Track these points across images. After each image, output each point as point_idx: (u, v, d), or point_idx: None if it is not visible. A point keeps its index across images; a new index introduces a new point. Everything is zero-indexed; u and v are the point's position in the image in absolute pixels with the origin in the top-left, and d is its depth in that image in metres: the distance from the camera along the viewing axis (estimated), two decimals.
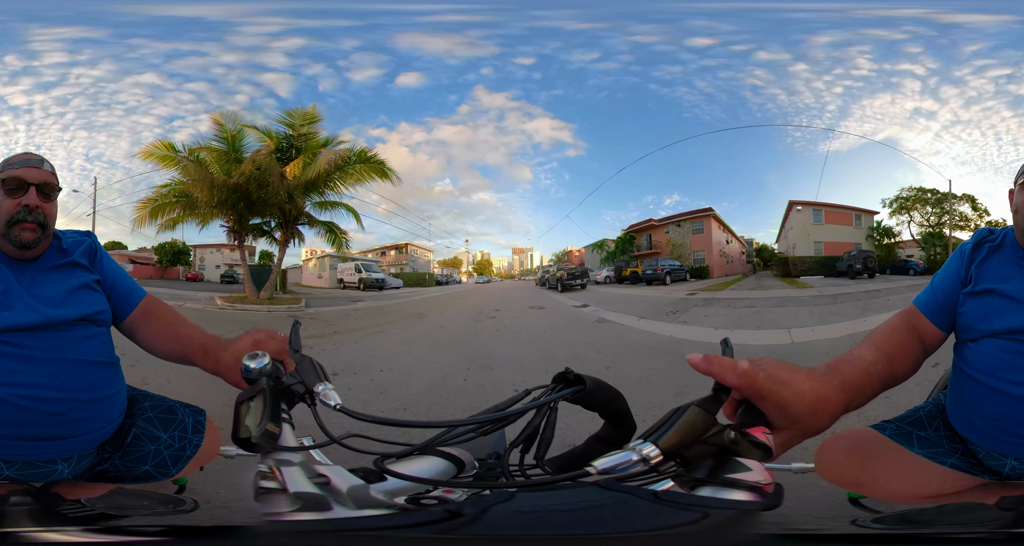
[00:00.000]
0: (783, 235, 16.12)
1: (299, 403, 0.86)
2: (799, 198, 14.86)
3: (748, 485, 0.67)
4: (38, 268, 1.32)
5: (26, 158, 1.35)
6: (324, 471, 0.73)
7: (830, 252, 13.64)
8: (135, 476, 1.30)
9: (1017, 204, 1.27)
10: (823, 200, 14.13)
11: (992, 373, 1.16)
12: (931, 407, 1.35)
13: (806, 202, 14.35)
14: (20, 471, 1.19)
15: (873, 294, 10.56)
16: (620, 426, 0.89)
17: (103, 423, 1.28)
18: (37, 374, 1.18)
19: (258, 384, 0.79)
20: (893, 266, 12.87)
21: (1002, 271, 1.24)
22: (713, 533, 0.64)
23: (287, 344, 1.01)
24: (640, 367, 5.98)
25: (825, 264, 13.39)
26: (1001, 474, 1.19)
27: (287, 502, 0.69)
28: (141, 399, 1.42)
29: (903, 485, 1.20)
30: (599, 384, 0.84)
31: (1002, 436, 1.16)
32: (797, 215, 14.71)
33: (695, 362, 0.74)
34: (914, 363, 1.22)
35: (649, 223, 17.41)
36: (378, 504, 0.73)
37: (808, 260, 13.88)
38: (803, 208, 14.43)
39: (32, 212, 1.29)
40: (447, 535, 0.64)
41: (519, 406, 0.79)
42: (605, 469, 0.64)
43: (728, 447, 0.69)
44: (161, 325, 1.44)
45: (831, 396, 0.76)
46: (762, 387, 0.71)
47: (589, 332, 9.00)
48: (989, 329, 1.18)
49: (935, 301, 1.31)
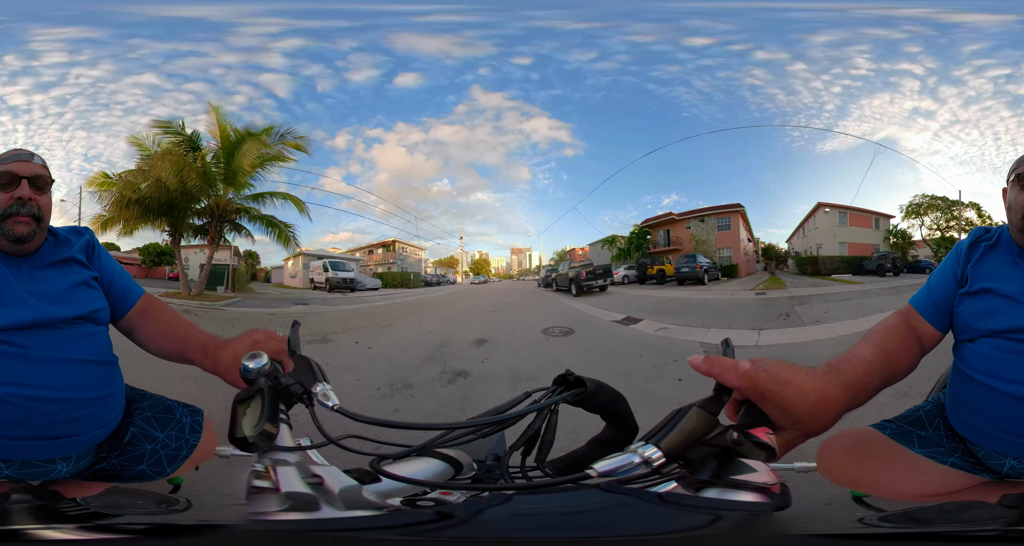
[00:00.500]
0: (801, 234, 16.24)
1: (297, 404, 0.86)
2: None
3: (755, 486, 0.67)
4: (35, 264, 1.30)
5: (16, 153, 1.34)
6: (319, 472, 0.73)
7: (853, 253, 14.31)
8: (130, 475, 1.30)
9: (1010, 202, 1.27)
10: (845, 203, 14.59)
11: (990, 373, 1.15)
12: (931, 406, 1.34)
13: (834, 204, 14.72)
14: (19, 470, 1.18)
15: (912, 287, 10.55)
16: (622, 428, 0.89)
17: (101, 423, 1.27)
18: (34, 373, 1.17)
19: (256, 384, 0.79)
20: (910, 266, 13.83)
21: (998, 270, 1.24)
22: (729, 536, 0.63)
23: (286, 344, 1.01)
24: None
25: (852, 263, 13.97)
26: (1001, 473, 1.19)
27: (277, 502, 0.69)
28: (139, 398, 1.41)
29: (904, 484, 1.20)
30: (600, 386, 0.84)
31: (1001, 436, 1.16)
32: (824, 216, 15.02)
33: (696, 363, 0.74)
34: (912, 362, 1.23)
35: (668, 217, 16.09)
36: (369, 505, 0.73)
37: (836, 259, 14.34)
38: (831, 210, 14.80)
39: (25, 205, 1.28)
40: (436, 537, 0.63)
41: (519, 409, 0.79)
42: (606, 471, 0.64)
43: (731, 448, 0.68)
44: (159, 324, 1.43)
45: (833, 395, 0.76)
46: (763, 387, 0.70)
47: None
48: (987, 329, 1.18)
49: (931, 301, 1.32)
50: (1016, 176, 1.26)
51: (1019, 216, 1.23)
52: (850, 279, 12.87)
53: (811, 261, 14.83)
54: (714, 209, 15.65)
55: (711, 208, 15.70)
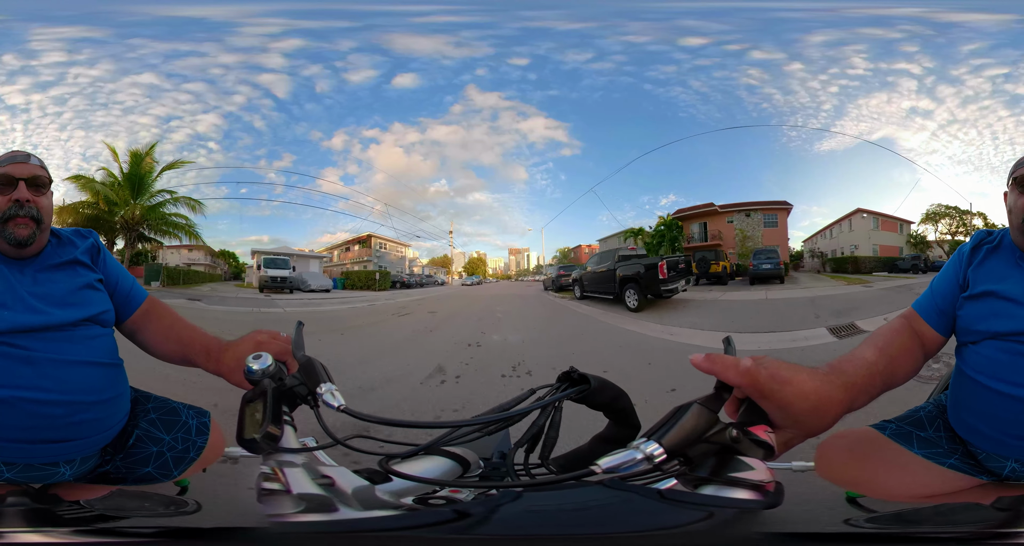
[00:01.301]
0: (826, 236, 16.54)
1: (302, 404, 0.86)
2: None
3: (750, 484, 0.68)
4: (38, 266, 1.29)
5: (12, 155, 1.32)
6: (328, 472, 0.74)
7: (883, 254, 15.40)
8: (136, 478, 1.29)
9: (1010, 205, 1.27)
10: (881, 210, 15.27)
11: (993, 375, 1.15)
12: (932, 407, 1.34)
13: (871, 211, 15.36)
14: (22, 473, 1.17)
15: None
16: (624, 425, 0.89)
17: (107, 426, 1.27)
18: (39, 376, 1.15)
19: (261, 385, 0.79)
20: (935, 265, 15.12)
21: (1000, 272, 1.23)
22: (716, 532, 0.64)
23: (290, 345, 1.01)
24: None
25: (887, 263, 15.04)
26: (1000, 475, 1.19)
27: (291, 503, 0.69)
28: (144, 400, 1.40)
29: (902, 485, 1.21)
30: (604, 383, 0.84)
31: (1003, 439, 1.15)
32: (862, 221, 15.64)
33: (697, 361, 0.74)
34: (915, 366, 1.22)
35: (708, 208, 14.61)
36: (385, 505, 0.73)
37: (872, 259, 15.30)
38: (867, 216, 15.44)
39: (24, 206, 1.26)
40: (457, 535, 0.64)
41: (524, 406, 0.79)
42: (610, 468, 0.64)
43: (730, 445, 0.69)
44: (162, 326, 1.43)
45: (834, 395, 0.77)
46: (764, 386, 0.71)
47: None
48: (989, 331, 1.18)
49: (934, 305, 1.31)
50: (1015, 179, 1.26)
51: (1020, 219, 1.23)
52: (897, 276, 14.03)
53: (851, 261, 15.49)
54: (761, 204, 14.98)
55: (758, 203, 15.04)
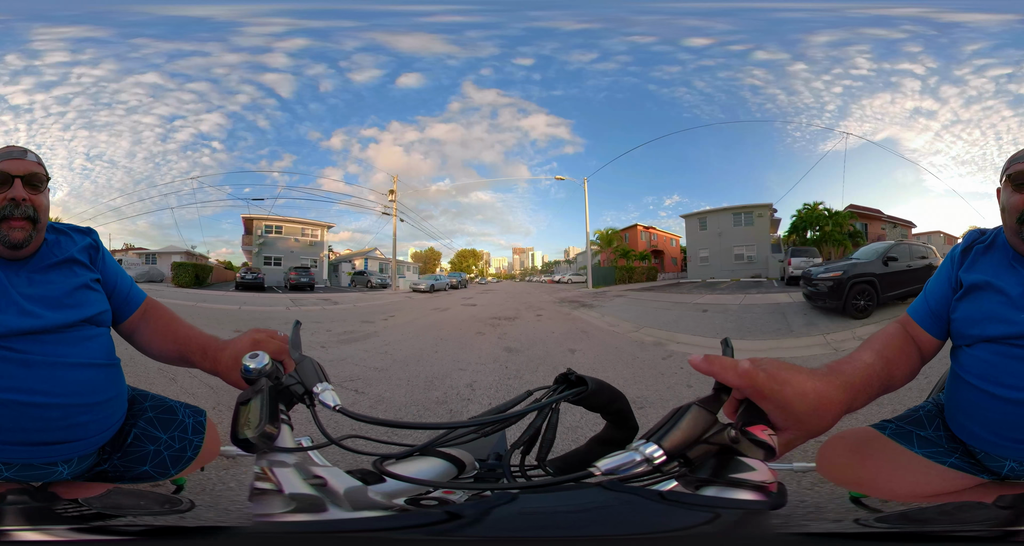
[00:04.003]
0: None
1: (298, 404, 0.86)
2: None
3: (753, 485, 0.67)
4: (34, 267, 1.26)
5: (8, 151, 1.28)
6: (321, 473, 0.73)
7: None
8: (133, 476, 1.29)
9: (1003, 203, 1.25)
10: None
11: (987, 377, 1.15)
12: (931, 407, 1.34)
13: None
14: (20, 473, 1.17)
15: None
16: (622, 427, 0.89)
17: (104, 426, 1.26)
18: (35, 379, 1.14)
19: (258, 384, 0.79)
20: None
21: (993, 272, 1.22)
22: (726, 534, 0.64)
23: (287, 344, 1.00)
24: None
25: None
26: (1000, 474, 1.19)
27: (282, 503, 0.69)
28: (141, 399, 1.40)
29: (903, 484, 1.20)
30: (601, 385, 0.84)
31: (998, 440, 1.15)
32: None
33: (695, 362, 0.74)
34: (911, 369, 1.22)
35: (874, 213, 15.20)
36: (376, 506, 0.73)
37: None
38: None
39: (20, 206, 1.22)
40: (447, 537, 0.63)
41: (520, 407, 0.79)
42: (609, 469, 0.64)
43: (729, 446, 0.68)
44: (159, 326, 1.42)
45: (834, 396, 0.76)
46: (763, 386, 0.71)
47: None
48: (983, 334, 1.17)
49: (928, 309, 1.30)
50: (1008, 176, 1.23)
51: (1014, 219, 1.20)
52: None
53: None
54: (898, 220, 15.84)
55: (894, 218, 15.86)
